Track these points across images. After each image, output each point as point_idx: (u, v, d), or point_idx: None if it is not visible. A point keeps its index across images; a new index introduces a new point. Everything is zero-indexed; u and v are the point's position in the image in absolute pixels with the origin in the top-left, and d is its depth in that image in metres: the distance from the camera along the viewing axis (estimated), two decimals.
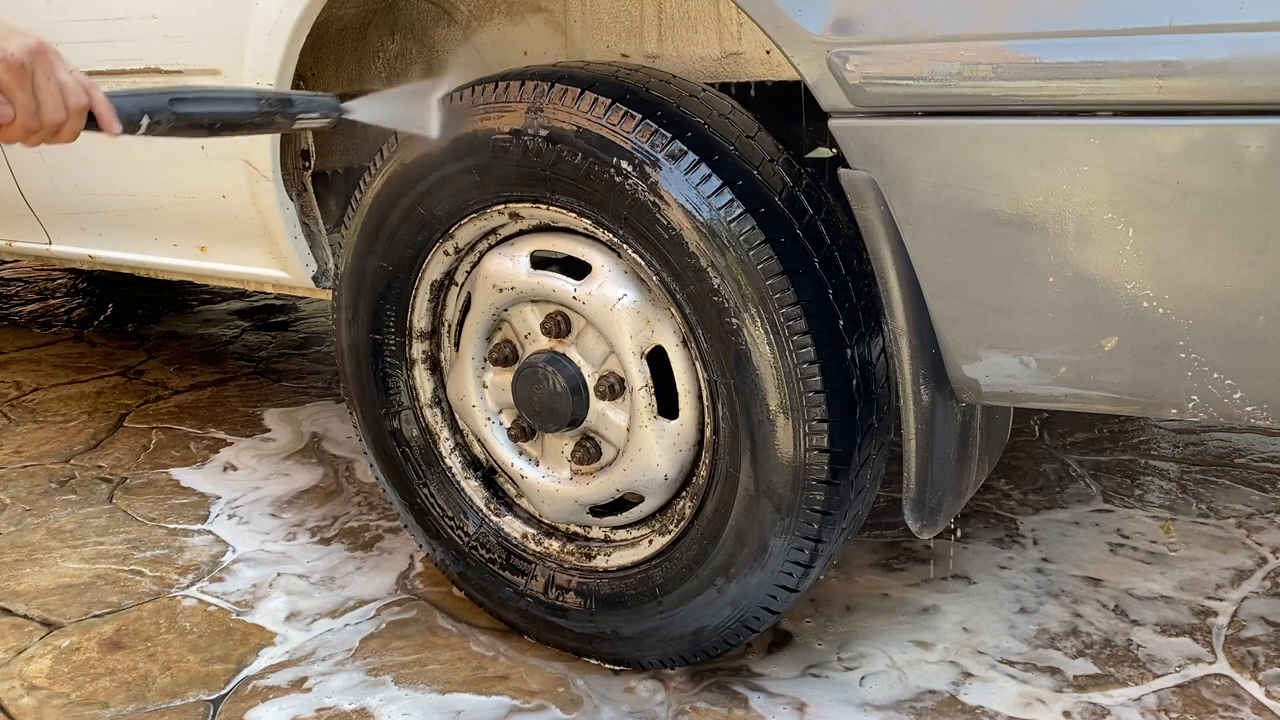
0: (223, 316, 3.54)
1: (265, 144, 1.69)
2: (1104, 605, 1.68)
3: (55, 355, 3.13)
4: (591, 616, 1.50)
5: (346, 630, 1.67)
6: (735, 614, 1.39)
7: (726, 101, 1.35)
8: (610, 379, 1.40)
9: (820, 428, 1.24)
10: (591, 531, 1.55)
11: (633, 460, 1.40)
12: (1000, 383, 1.17)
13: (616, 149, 1.26)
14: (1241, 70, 0.91)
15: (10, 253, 2.43)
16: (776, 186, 1.27)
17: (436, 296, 1.58)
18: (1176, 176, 0.97)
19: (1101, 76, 0.97)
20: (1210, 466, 2.16)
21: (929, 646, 1.59)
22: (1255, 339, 1.00)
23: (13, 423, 2.60)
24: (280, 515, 2.07)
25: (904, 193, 1.10)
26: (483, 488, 1.64)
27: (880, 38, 1.07)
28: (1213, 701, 1.45)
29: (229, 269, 1.96)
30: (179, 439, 2.47)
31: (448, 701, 1.50)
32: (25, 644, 1.67)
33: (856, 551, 1.85)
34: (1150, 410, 1.13)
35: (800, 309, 1.22)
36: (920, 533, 1.28)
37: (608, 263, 1.37)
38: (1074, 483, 2.10)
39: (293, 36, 1.57)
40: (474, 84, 1.40)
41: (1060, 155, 1.01)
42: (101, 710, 1.50)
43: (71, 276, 4.06)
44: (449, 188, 1.43)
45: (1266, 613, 1.65)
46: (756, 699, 1.47)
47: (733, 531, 1.34)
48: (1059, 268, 1.05)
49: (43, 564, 1.91)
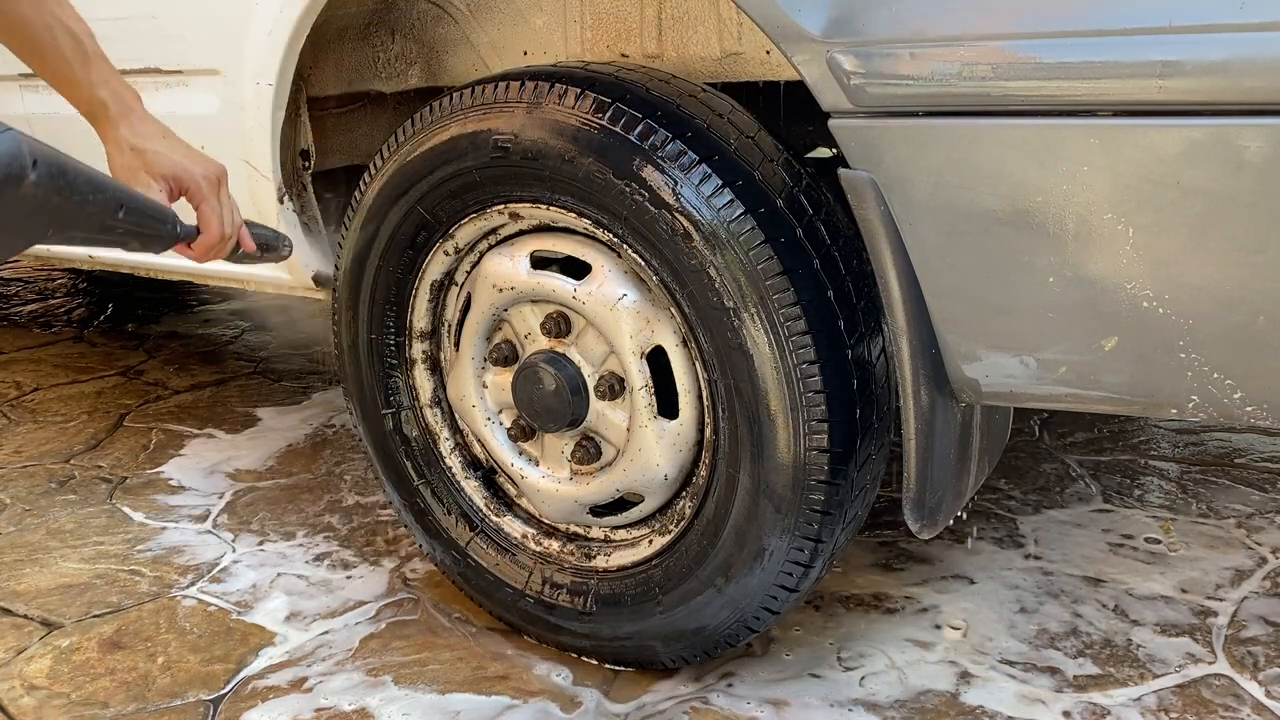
0: (223, 316, 3.54)
1: (265, 144, 1.69)
2: (1104, 605, 1.68)
3: (55, 355, 3.13)
4: (591, 616, 1.50)
5: (346, 630, 1.67)
6: (735, 614, 1.39)
7: (726, 101, 1.35)
8: (610, 379, 1.40)
9: (820, 428, 1.24)
10: (591, 531, 1.55)
11: (633, 460, 1.40)
12: (1000, 383, 1.17)
13: (616, 149, 1.26)
14: (1241, 70, 0.91)
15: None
16: (776, 187, 1.27)
17: (436, 296, 1.58)
18: (1176, 176, 0.96)
19: (1101, 76, 0.97)
20: (1210, 466, 2.16)
21: (929, 646, 1.59)
22: (1255, 339, 1.00)
23: (13, 423, 2.60)
24: (280, 515, 2.07)
25: (904, 193, 1.10)
26: (483, 488, 1.64)
27: (880, 38, 1.06)
28: (1213, 701, 1.45)
29: (229, 269, 1.96)
30: (179, 439, 2.47)
31: (448, 701, 1.50)
32: (25, 644, 1.67)
33: (856, 551, 1.85)
34: (1150, 410, 1.13)
35: (800, 309, 1.22)
36: (920, 533, 1.28)
37: (608, 263, 1.37)
38: (1074, 483, 2.10)
39: (293, 36, 1.57)
40: (474, 84, 1.40)
41: (1060, 155, 1.01)
42: (101, 710, 1.50)
43: (71, 276, 4.06)
44: (449, 188, 1.43)
45: (1266, 613, 1.65)
46: (756, 699, 1.47)
47: (732, 531, 1.34)
48: (1059, 268, 1.05)
49: (43, 564, 1.91)
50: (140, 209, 1.07)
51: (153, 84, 1.79)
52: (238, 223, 1.27)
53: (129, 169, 1.19)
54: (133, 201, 1.05)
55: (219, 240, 1.24)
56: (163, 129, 1.22)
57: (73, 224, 0.96)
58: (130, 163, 1.19)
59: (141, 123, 1.21)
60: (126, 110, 1.20)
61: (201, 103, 1.75)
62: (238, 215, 1.27)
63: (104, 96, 1.19)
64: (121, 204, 1.02)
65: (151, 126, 1.21)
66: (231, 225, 1.25)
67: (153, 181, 1.19)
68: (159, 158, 1.19)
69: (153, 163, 1.19)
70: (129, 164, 1.19)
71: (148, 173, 1.19)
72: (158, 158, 1.19)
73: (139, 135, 1.20)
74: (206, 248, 1.23)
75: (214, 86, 1.72)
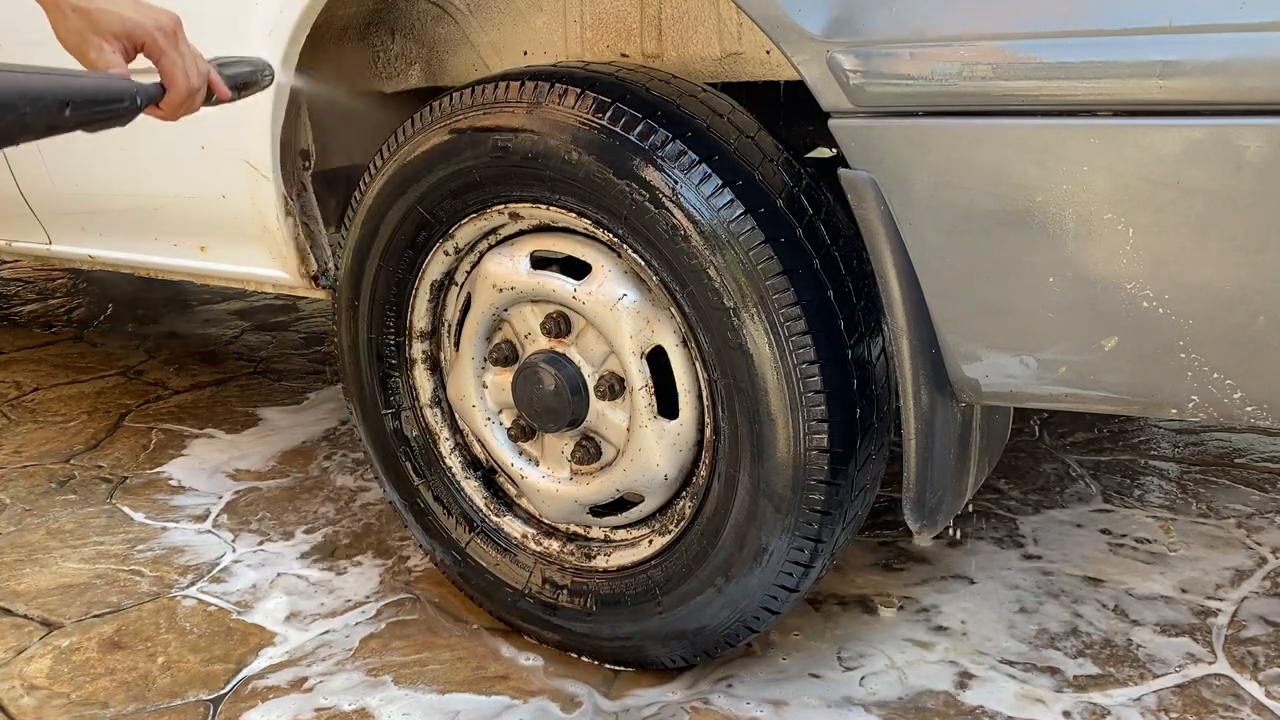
0: (223, 316, 3.54)
1: (265, 144, 1.69)
2: (1104, 605, 1.68)
3: (55, 355, 3.13)
4: (591, 616, 1.50)
5: (346, 630, 1.67)
6: (735, 614, 1.39)
7: (726, 101, 1.35)
8: (610, 379, 1.40)
9: (820, 428, 1.24)
10: (591, 531, 1.55)
11: (633, 460, 1.40)
12: (1000, 383, 1.17)
13: (616, 149, 1.26)
14: (1241, 70, 0.91)
15: (10, 253, 2.43)
16: (776, 186, 1.27)
17: (436, 296, 1.58)
18: (1176, 176, 0.96)
19: (1101, 76, 0.97)
20: (1210, 466, 2.16)
21: (929, 646, 1.59)
22: (1255, 339, 1.00)
23: (13, 423, 2.60)
24: (280, 515, 2.07)
25: (904, 193, 1.10)
26: (482, 488, 1.64)
27: (880, 38, 1.06)
28: (1213, 701, 1.45)
29: (229, 269, 1.96)
30: (179, 439, 2.47)
31: (447, 701, 1.50)
32: (25, 644, 1.67)
33: (856, 551, 1.85)
34: (1150, 410, 1.13)
35: (800, 309, 1.22)
36: (920, 533, 1.28)
37: (608, 263, 1.37)
38: (1074, 483, 2.10)
39: (293, 36, 1.57)
40: (474, 84, 1.40)
41: (1060, 155, 1.01)
42: (101, 710, 1.50)
43: (71, 276, 4.06)
44: (449, 187, 1.43)
45: (1266, 613, 1.65)
46: (756, 699, 1.47)
47: (732, 531, 1.34)
48: (1059, 268, 1.05)
49: (43, 564, 1.91)
50: (89, 98, 1.01)
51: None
52: (204, 70, 1.17)
53: (75, 32, 1.10)
54: (78, 94, 0.99)
55: (187, 95, 1.14)
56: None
57: (14, 138, 0.92)
58: (75, 25, 1.10)
59: None
60: None
61: None
62: (202, 63, 1.16)
63: None
64: (67, 101, 0.97)
65: None
66: (198, 75, 1.15)
67: (104, 43, 1.10)
68: (105, 15, 1.09)
69: (99, 22, 1.09)
70: (74, 27, 1.10)
71: (96, 34, 1.09)
72: (104, 15, 1.09)
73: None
74: (175, 104, 1.14)
75: None
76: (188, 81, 1.14)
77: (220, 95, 1.20)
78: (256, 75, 1.30)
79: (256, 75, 1.30)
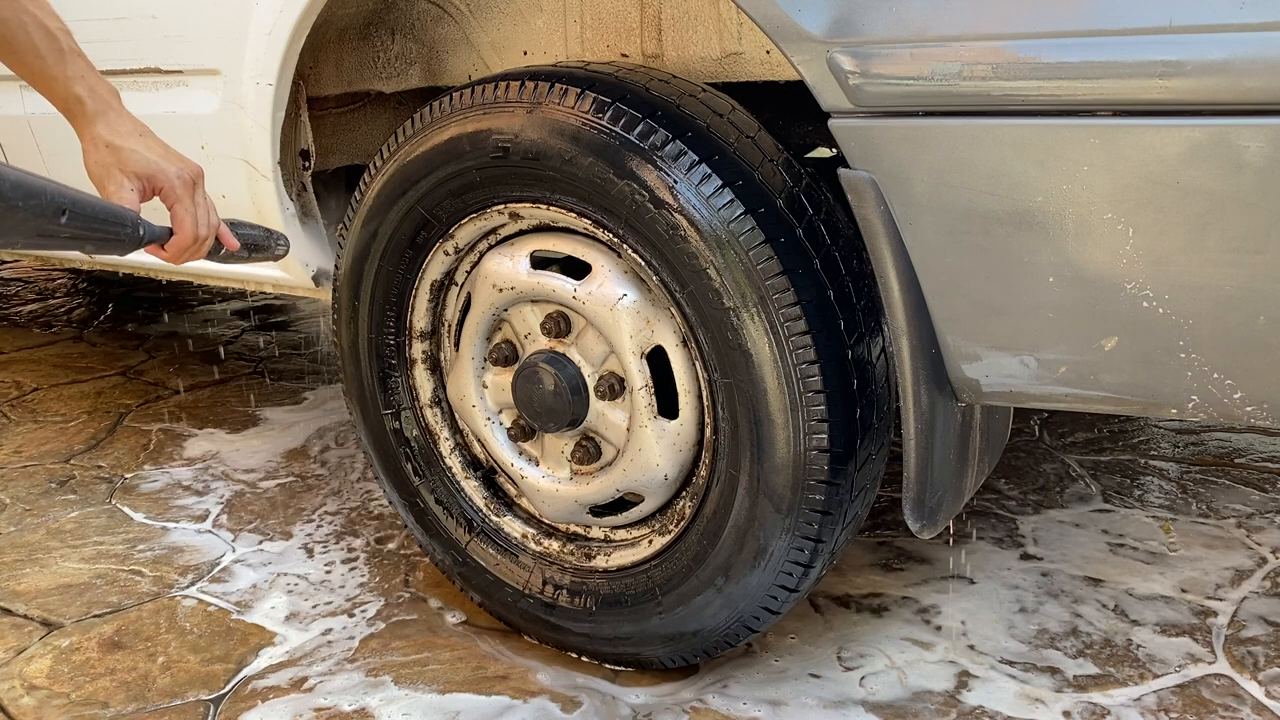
0: (223, 316, 3.54)
1: (265, 144, 1.69)
2: (1104, 605, 1.68)
3: (55, 355, 3.13)
4: (591, 616, 1.50)
5: (346, 630, 1.67)
6: (735, 614, 1.39)
7: (726, 101, 1.35)
8: (610, 379, 1.40)
9: (820, 428, 1.24)
10: (591, 531, 1.55)
11: (633, 460, 1.40)
12: (1000, 383, 1.17)
13: (616, 149, 1.26)
14: (1241, 70, 0.91)
15: (10, 252, 2.43)
16: (776, 186, 1.27)
17: (436, 296, 1.58)
18: (1176, 176, 0.96)
19: (1101, 76, 0.97)
20: (1210, 466, 2.16)
21: (929, 646, 1.59)
22: (1255, 339, 1.00)
23: (13, 423, 2.60)
24: (280, 515, 2.07)
25: (904, 193, 1.10)
26: (483, 488, 1.64)
27: (880, 38, 1.06)
28: (1213, 701, 1.45)
29: (229, 269, 1.96)
30: (179, 439, 2.47)
31: (447, 701, 1.50)
32: (25, 644, 1.67)
33: (856, 551, 1.85)
34: (1150, 410, 1.13)
35: (800, 309, 1.22)
36: (920, 533, 1.28)
37: (608, 263, 1.37)
38: (1074, 483, 2.10)
39: (293, 36, 1.57)
40: (474, 84, 1.40)
41: (1060, 155, 1.01)
42: (101, 710, 1.50)
43: (71, 276, 4.06)
44: (449, 187, 1.43)
45: (1266, 613, 1.65)
46: (755, 699, 1.47)
47: (732, 531, 1.34)
48: (1059, 268, 1.05)
49: (43, 564, 1.91)
50: (88, 213, 1.03)
51: (152, 84, 1.79)
52: (214, 223, 1.25)
53: (103, 166, 1.18)
54: (78, 206, 1.01)
55: (192, 242, 1.21)
56: (140, 127, 1.21)
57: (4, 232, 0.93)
58: (104, 159, 1.18)
59: (119, 120, 1.19)
60: (104, 107, 1.19)
61: (201, 102, 1.75)
62: (214, 215, 1.25)
63: (80, 92, 1.18)
64: (64, 209, 0.99)
65: (128, 124, 1.20)
66: (207, 226, 1.23)
67: (125, 179, 1.17)
68: (133, 155, 1.18)
69: (126, 160, 1.17)
70: (103, 161, 1.18)
71: (120, 170, 1.17)
72: (132, 155, 1.18)
73: (115, 132, 1.18)
74: (180, 249, 1.21)
75: (214, 86, 1.72)
76: (195, 229, 1.21)
77: (229, 247, 1.29)
78: (270, 242, 1.37)
79: (270, 242, 1.37)
